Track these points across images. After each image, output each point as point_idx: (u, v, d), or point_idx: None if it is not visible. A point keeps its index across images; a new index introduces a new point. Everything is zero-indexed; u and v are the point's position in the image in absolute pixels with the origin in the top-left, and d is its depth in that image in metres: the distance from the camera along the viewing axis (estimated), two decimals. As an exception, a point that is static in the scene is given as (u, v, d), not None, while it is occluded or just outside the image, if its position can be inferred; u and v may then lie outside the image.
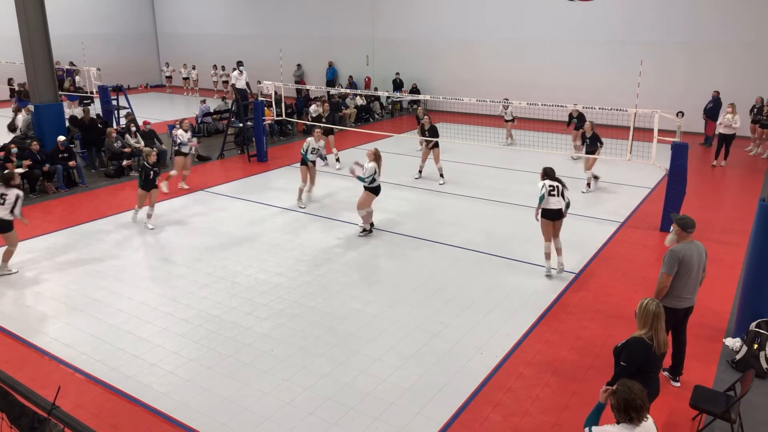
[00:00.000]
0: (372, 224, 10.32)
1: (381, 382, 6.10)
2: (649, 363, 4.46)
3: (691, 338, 6.91)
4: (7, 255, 8.74)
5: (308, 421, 5.53)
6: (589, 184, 12.77)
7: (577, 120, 15.85)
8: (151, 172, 10.48)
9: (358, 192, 13.26)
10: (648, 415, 3.71)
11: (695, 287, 5.76)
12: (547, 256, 8.54)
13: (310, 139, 12.09)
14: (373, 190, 10.05)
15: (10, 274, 8.73)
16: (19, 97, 20.34)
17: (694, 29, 18.22)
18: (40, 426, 2.54)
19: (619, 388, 3.69)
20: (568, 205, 8.37)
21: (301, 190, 11.93)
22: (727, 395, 5.33)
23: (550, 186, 8.21)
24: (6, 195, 8.38)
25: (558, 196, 8.24)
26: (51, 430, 2.53)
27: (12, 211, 8.42)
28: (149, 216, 10.67)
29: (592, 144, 12.50)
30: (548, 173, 8.36)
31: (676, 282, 5.63)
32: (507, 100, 15.91)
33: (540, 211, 8.35)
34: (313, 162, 12.11)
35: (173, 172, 13.07)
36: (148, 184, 10.51)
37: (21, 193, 8.56)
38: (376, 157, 10.02)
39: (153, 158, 10.54)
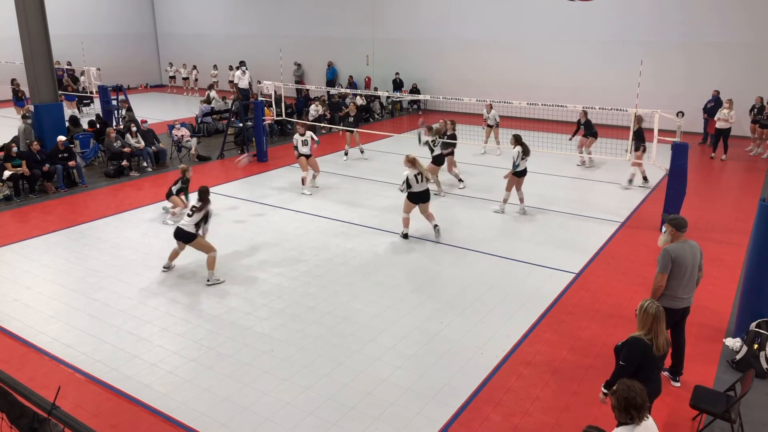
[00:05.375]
0: (406, 234, 10.09)
1: (381, 382, 6.10)
2: (648, 363, 4.47)
3: (691, 338, 6.91)
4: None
5: (308, 421, 5.53)
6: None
7: (584, 127, 14.79)
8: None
9: (359, 187, 13.28)
10: (648, 415, 3.72)
11: (691, 287, 5.75)
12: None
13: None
14: (411, 196, 9.85)
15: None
16: None
17: (694, 29, 18.21)
18: (40, 426, 2.54)
19: (619, 387, 3.71)
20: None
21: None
22: (727, 395, 5.33)
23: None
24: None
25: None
26: (51, 430, 2.53)
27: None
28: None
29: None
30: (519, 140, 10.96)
31: (671, 282, 5.64)
32: (490, 103, 15.72)
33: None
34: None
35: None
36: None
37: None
38: (412, 163, 9.69)
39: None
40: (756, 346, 6.29)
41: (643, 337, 4.47)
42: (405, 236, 10.10)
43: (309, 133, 12.87)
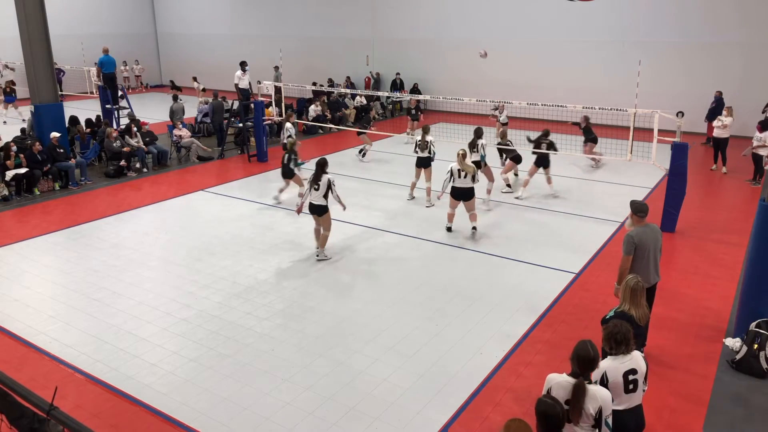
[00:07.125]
0: (449, 227, 10.45)
1: (381, 382, 6.10)
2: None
3: (691, 338, 6.94)
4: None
5: (308, 421, 5.53)
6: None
7: (584, 132, 14.65)
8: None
9: (359, 188, 13.18)
10: (636, 351, 4.24)
11: (655, 267, 6.12)
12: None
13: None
14: (452, 191, 10.09)
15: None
16: None
17: (693, 30, 18.21)
18: (40, 426, 2.54)
19: (610, 324, 4.25)
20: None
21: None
22: None
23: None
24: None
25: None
26: (51, 431, 2.53)
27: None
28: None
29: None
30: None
31: (636, 264, 5.97)
32: (498, 103, 15.81)
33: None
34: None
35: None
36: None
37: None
38: (461, 158, 9.87)
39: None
40: (756, 346, 6.28)
41: (624, 310, 4.90)
42: (449, 230, 10.43)
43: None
